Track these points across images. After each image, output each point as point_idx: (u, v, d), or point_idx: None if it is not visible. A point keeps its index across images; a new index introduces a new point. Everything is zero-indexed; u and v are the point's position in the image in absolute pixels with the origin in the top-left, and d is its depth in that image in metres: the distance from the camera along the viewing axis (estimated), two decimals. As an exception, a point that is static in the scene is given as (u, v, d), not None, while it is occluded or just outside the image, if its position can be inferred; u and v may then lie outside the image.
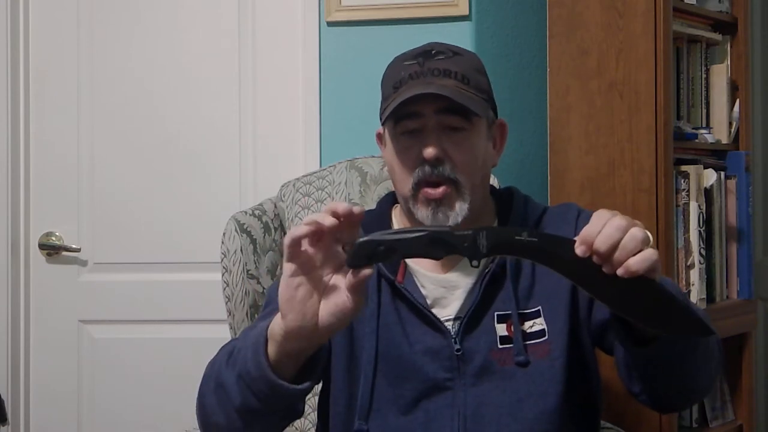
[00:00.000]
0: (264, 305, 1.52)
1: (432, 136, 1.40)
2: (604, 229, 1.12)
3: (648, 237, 1.12)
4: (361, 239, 1.12)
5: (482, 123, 1.44)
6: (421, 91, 1.37)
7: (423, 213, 1.42)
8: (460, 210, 1.41)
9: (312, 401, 1.84)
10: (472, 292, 1.43)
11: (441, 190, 1.40)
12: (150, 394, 2.60)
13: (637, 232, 1.11)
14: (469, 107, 1.38)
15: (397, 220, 1.53)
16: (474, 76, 1.43)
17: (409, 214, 1.46)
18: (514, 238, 1.14)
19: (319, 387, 1.51)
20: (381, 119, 1.45)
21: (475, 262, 1.13)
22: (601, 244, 1.11)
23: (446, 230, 1.14)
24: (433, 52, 1.43)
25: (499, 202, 1.53)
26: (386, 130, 1.46)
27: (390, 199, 1.56)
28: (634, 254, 1.11)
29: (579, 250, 1.12)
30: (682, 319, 1.14)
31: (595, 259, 1.12)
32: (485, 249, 1.13)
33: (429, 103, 1.39)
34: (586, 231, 1.12)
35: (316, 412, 1.58)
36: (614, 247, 1.11)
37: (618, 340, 1.27)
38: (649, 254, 1.11)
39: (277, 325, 1.18)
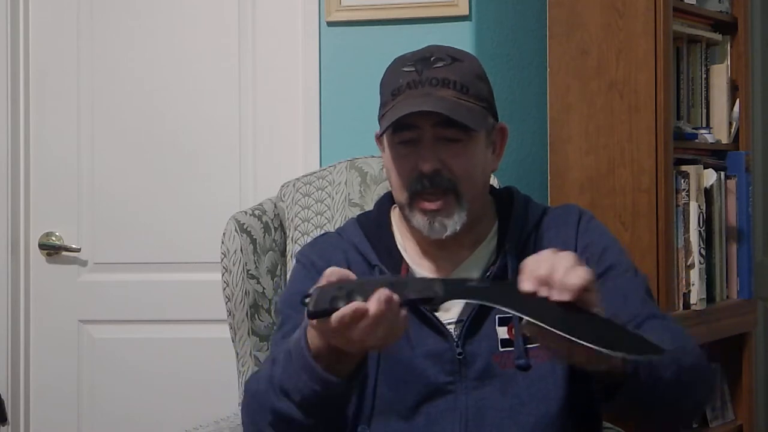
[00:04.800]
0: (280, 323, 1.51)
1: (429, 148, 1.39)
2: (540, 262, 1.15)
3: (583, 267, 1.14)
4: (320, 286, 1.13)
5: (481, 132, 1.43)
6: (417, 108, 1.36)
7: (419, 221, 1.41)
8: (458, 219, 1.41)
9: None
10: None
11: (439, 203, 1.40)
12: (150, 394, 2.60)
13: (567, 256, 1.15)
14: (466, 123, 1.37)
15: (396, 222, 1.53)
16: (474, 83, 1.42)
17: (406, 220, 1.45)
18: (466, 284, 1.17)
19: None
20: (379, 125, 1.45)
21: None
22: (541, 269, 1.13)
23: (404, 279, 1.17)
24: (432, 58, 1.41)
25: (499, 203, 1.53)
26: (384, 137, 1.46)
27: (388, 201, 1.56)
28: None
29: (525, 284, 1.13)
30: (629, 340, 1.14)
31: (541, 291, 1.13)
32: (442, 293, 1.14)
33: (427, 116, 1.37)
34: (528, 267, 1.15)
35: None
36: (551, 269, 1.13)
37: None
38: (582, 271, 1.13)
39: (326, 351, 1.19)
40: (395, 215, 1.53)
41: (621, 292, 1.41)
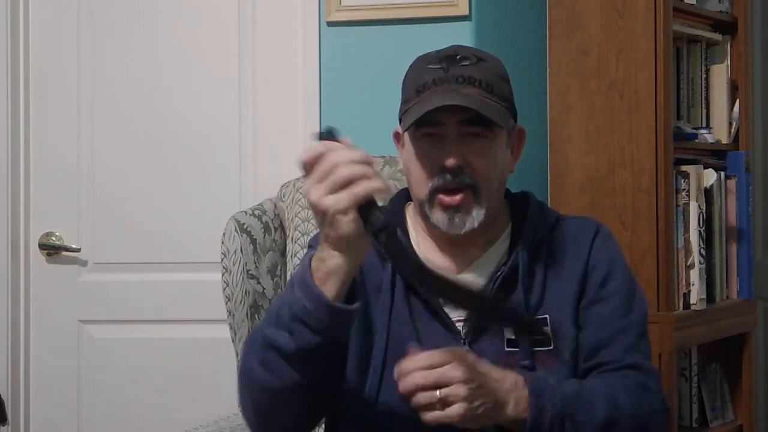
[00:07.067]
0: None
1: (453, 144, 1.40)
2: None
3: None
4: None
5: (503, 131, 1.44)
6: (445, 102, 1.36)
7: (439, 217, 1.42)
8: (476, 216, 1.41)
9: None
10: None
11: (459, 197, 1.40)
12: (150, 394, 2.60)
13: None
14: (493, 120, 1.38)
15: (411, 218, 1.53)
16: (497, 84, 1.43)
17: (424, 216, 1.46)
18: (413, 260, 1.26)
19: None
20: (400, 121, 1.45)
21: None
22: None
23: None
24: (458, 57, 1.42)
25: (514, 206, 1.53)
26: (406, 133, 1.46)
27: (403, 197, 1.56)
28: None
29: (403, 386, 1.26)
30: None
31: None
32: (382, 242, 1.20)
33: (452, 112, 1.38)
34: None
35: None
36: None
37: None
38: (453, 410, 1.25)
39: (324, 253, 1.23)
40: (410, 211, 1.54)
41: (610, 330, 1.43)
